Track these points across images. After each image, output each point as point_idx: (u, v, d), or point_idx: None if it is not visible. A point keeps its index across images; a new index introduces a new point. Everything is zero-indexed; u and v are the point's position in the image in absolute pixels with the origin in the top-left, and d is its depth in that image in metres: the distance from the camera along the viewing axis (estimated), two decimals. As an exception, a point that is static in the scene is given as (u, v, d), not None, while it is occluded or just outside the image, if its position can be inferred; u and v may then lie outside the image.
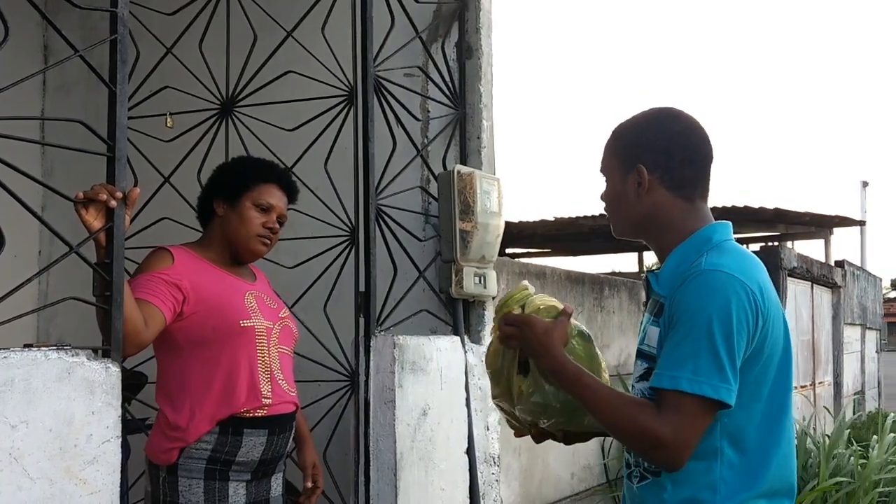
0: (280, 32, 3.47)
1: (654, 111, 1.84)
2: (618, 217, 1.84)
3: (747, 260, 1.71)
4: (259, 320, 2.36)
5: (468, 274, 3.45)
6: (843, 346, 11.36)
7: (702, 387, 1.56)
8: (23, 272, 2.07)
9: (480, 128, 3.69)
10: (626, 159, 1.79)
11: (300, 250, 3.50)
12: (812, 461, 5.51)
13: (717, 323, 1.57)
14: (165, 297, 2.25)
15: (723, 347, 1.57)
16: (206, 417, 2.27)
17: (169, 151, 3.54)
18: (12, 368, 1.77)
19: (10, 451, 1.75)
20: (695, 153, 1.78)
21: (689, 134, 1.79)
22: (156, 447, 2.32)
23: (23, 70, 2.16)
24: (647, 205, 1.77)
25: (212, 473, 2.28)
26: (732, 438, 1.64)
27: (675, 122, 1.79)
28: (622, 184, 1.79)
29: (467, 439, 3.40)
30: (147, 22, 3.48)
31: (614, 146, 1.83)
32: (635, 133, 1.81)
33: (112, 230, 2.09)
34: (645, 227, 1.81)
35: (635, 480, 1.75)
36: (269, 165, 2.58)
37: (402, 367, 3.06)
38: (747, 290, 1.61)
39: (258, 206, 2.43)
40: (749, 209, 9.28)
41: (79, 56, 2.10)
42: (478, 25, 3.71)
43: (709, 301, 1.59)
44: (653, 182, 1.76)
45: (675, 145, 1.77)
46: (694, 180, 1.77)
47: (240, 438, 2.29)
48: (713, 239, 1.73)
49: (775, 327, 1.67)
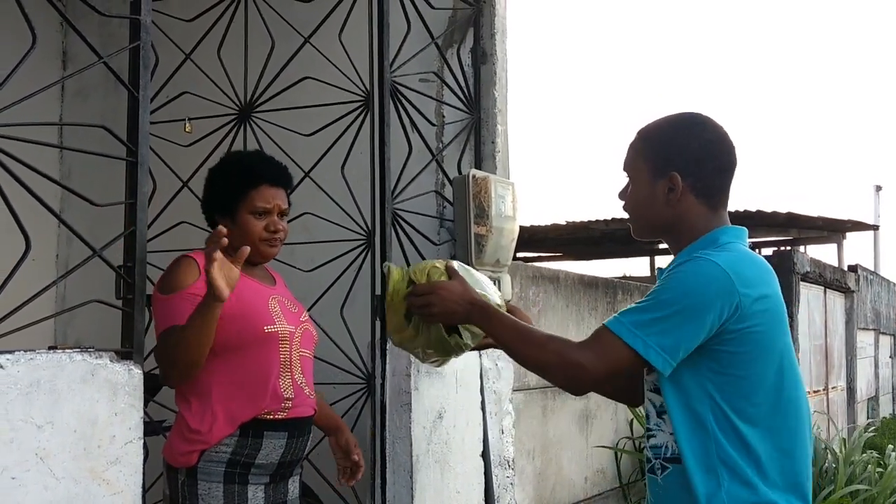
0: (298, 38, 3.51)
1: (684, 116, 1.86)
2: (641, 219, 1.87)
3: (744, 259, 1.75)
4: (282, 325, 2.36)
5: (483, 278, 3.47)
6: (856, 350, 11.31)
7: (635, 340, 1.66)
8: (41, 275, 2.11)
9: (495, 132, 3.71)
10: (656, 164, 1.81)
11: (317, 254, 3.53)
12: (828, 467, 5.50)
13: (681, 295, 1.66)
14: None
15: (675, 317, 1.65)
16: (229, 420, 2.26)
17: (188, 156, 3.57)
18: (38, 370, 1.80)
19: (36, 451, 1.78)
20: (725, 162, 1.82)
21: (720, 143, 1.82)
22: (175, 450, 2.30)
23: (42, 75, 2.20)
24: (675, 211, 1.80)
25: (231, 476, 2.27)
26: (743, 422, 1.69)
27: (706, 131, 1.82)
28: (650, 187, 1.82)
29: (482, 442, 3.42)
30: (166, 28, 3.52)
31: (643, 148, 1.84)
32: (667, 138, 1.82)
33: (134, 234, 2.12)
34: (667, 231, 1.85)
35: (659, 473, 1.78)
36: (254, 167, 2.44)
37: (417, 370, 3.08)
38: (728, 280, 1.66)
39: (255, 213, 2.38)
40: (762, 213, 9.27)
41: (102, 62, 2.13)
42: (492, 31, 3.73)
43: (684, 278, 1.68)
44: (685, 189, 1.79)
45: (707, 154, 1.80)
46: (721, 188, 1.82)
47: (260, 441, 2.29)
48: (720, 240, 1.78)
49: (770, 328, 1.71)
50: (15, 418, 1.75)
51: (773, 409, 1.72)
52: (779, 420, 1.72)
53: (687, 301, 1.65)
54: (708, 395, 1.69)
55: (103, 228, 2.28)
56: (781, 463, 1.71)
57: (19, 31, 2.02)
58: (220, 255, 2.04)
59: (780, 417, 1.72)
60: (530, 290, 4.31)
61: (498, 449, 3.54)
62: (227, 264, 2.08)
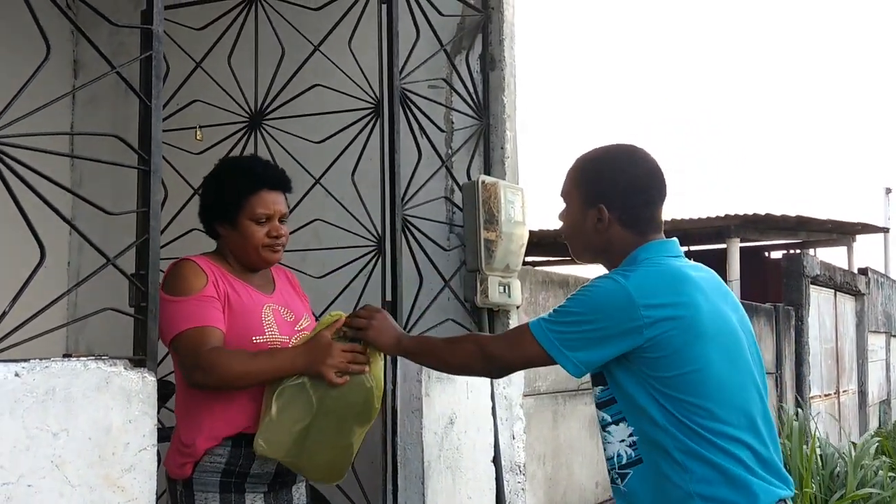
0: (308, 46, 3.53)
1: (618, 150, 2.01)
2: (576, 243, 2.06)
3: (652, 273, 1.87)
4: (273, 335, 2.32)
5: (493, 283, 3.48)
6: (867, 354, 11.27)
7: (551, 346, 1.84)
8: (52, 283, 2.12)
9: (504, 138, 3.72)
10: (587, 194, 1.97)
11: (327, 260, 3.54)
12: (839, 471, 5.48)
13: (588, 311, 1.83)
14: (222, 318, 2.26)
15: (589, 333, 1.82)
16: (211, 435, 2.24)
17: (198, 164, 3.58)
18: (53, 378, 1.82)
19: (52, 458, 1.80)
20: (653, 196, 1.97)
21: (649, 177, 1.97)
22: (171, 461, 2.30)
23: (53, 84, 2.22)
24: (604, 238, 1.97)
25: (227, 486, 2.25)
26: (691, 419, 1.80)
27: (635, 166, 1.97)
28: (582, 216, 1.99)
29: (493, 448, 3.42)
30: (176, 36, 3.54)
31: (577, 178, 2.01)
32: (598, 172, 1.99)
33: (148, 242, 2.14)
34: (601, 256, 2.02)
35: (620, 482, 1.88)
36: (252, 173, 2.40)
37: (428, 375, 3.08)
38: (626, 295, 1.80)
39: (256, 220, 2.34)
40: (771, 216, 9.26)
41: (116, 72, 2.15)
42: (501, 37, 3.74)
43: (590, 296, 1.85)
44: (611, 220, 1.94)
45: (634, 189, 1.95)
46: (648, 218, 1.97)
47: (252, 451, 2.26)
48: (639, 258, 1.92)
49: (688, 330, 1.80)
50: (31, 426, 1.76)
51: (717, 392, 1.81)
52: (723, 401, 1.82)
53: (593, 316, 1.82)
54: (650, 395, 1.81)
55: (114, 236, 2.29)
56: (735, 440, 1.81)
57: (31, 40, 2.04)
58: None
59: (723, 398, 1.82)
60: (540, 294, 4.31)
61: (509, 454, 3.54)
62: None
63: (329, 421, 2.23)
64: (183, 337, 2.21)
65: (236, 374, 2.19)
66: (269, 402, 2.21)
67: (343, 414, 2.25)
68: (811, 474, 5.04)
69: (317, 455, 2.26)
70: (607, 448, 1.90)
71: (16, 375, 1.75)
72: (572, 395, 4.64)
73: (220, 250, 2.44)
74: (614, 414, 1.87)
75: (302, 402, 2.21)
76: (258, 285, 2.42)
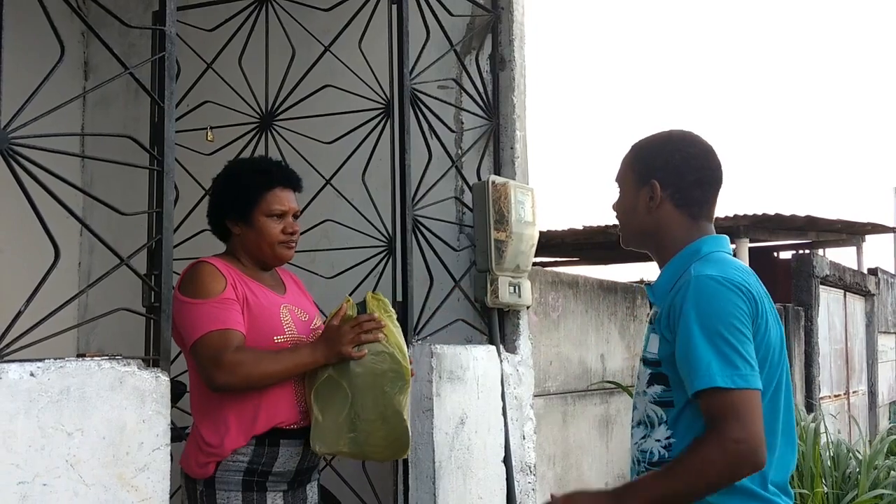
0: (318, 47, 3.53)
1: (673, 132, 1.97)
2: (628, 227, 1.99)
3: (733, 266, 1.83)
4: (293, 334, 2.35)
5: (503, 283, 3.48)
6: (877, 354, 11.23)
7: (734, 379, 1.65)
8: (63, 283, 2.13)
9: (514, 138, 3.72)
10: (641, 174, 1.93)
11: (337, 261, 3.55)
12: (851, 472, 5.46)
13: (719, 324, 1.69)
14: (242, 321, 2.27)
15: (732, 342, 1.68)
16: (242, 432, 2.26)
17: (209, 165, 3.59)
18: (68, 378, 1.83)
19: (66, 457, 1.80)
20: (706, 176, 1.92)
21: (704, 158, 1.92)
22: (192, 461, 2.31)
23: (64, 85, 2.23)
24: (655, 218, 1.91)
25: (249, 485, 2.27)
26: None
27: (691, 146, 1.93)
28: (634, 196, 1.94)
29: (504, 448, 3.42)
30: (186, 37, 3.55)
31: (632, 160, 1.97)
32: (653, 150, 1.94)
33: (161, 242, 2.14)
34: (650, 239, 1.95)
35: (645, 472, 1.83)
36: (265, 170, 2.47)
37: (439, 375, 3.09)
38: (739, 289, 1.73)
39: (272, 216, 2.38)
40: (780, 216, 9.22)
41: (129, 73, 2.16)
42: (511, 37, 3.74)
43: (706, 305, 1.71)
44: (664, 198, 1.90)
45: (688, 167, 1.90)
46: (701, 201, 1.91)
47: (276, 449, 2.28)
48: (702, 250, 1.87)
49: (770, 330, 1.78)
50: (46, 426, 1.77)
51: (770, 408, 1.76)
52: (771, 419, 1.77)
53: (728, 322, 1.69)
54: None
55: (125, 237, 2.30)
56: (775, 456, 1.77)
57: (43, 42, 2.05)
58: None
59: (772, 415, 1.78)
60: (550, 295, 4.31)
61: (519, 454, 3.54)
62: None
63: (367, 398, 2.29)
64: (206, 339, 2.21)
65: (263, 373, 2.23)
66: (311, 406, 2.29)
67: (377, 385, 2.30)
68: (823, 474, 5.03)
69: (373, 435, 2.31)
70: (647, 441, 1.84)
71: (31, 375, 1.76)
72: (582, 396, 4.63)
73: (232, 251, 2.45)
74: (660, 416, 1.82)
75: (336, 393, 2.29)
76: (270, 286, 2.45)
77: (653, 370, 1.84)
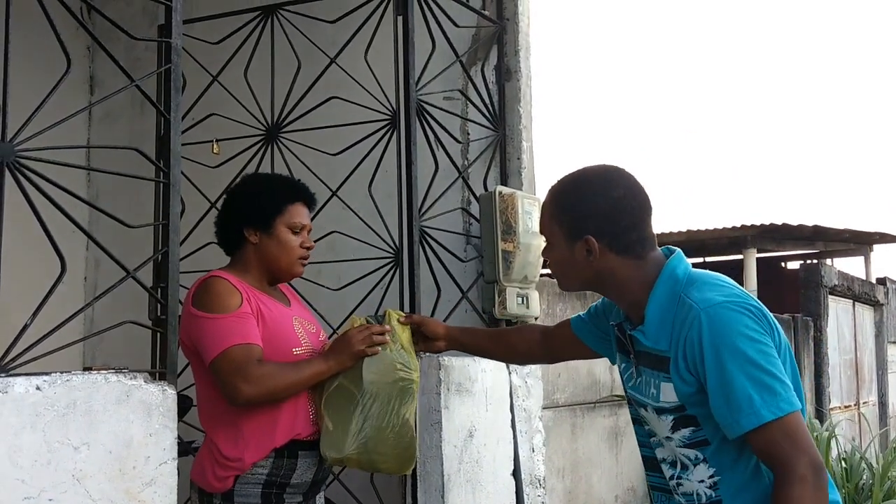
0: (324, 59, 3.54)
1: (591, 174, 1.85)
2: (568, 278, 1.89)
3: (727, 284, 1.76)
4: (308, 346, 2.36)
5: (511, 294, 3.46)
6: (887, 364, 11.16)
7: (780, 407, 1.61)
8: (69, 297, 2.12)
9: (521, 148, 3.71)
10: (570, 227, 1.80)
11: (343, 273, 3.54)
12: (864, 483, 5.42)
13: (747, 350, 1.63)
14: (259, 335, 2.26)
15: (764, 365, 1.63)
16: (261, 446, 2.25)
17: (216, 177, 3.60)
18: (74, 391, 1.81)
19: (73, 472, 1.79)
20: (638, 217, 1.81)
21: (630, 197, 1.81)
22: (209, 474, 2.27)
23: (70, 99, 2.23)
24: (597, 269, 1.80)
25: (268, 497, 2.26)
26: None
27: (614, 187, 1.80)
28: (569, 251, 1.82)
29: (513, 461, 3.39)
30: (192, 51, 3.55)
31: (554, 211, 1.84)
32: (576, 200, 1.81)
33: (167, 255, 2.13)
34: (598, 286, 1.86)
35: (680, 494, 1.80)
36: (291, 184, 2.51)
37: (447, 388, 3.06)
38: (749, 309, 1.68)
39: (292, 229, 2.40)
40: (788, 226, 9.20)
41: (135, 86, 2.15)
42: (516, 48, 3.74)
43: (728, 337, 1.64)
44: (602, 249, 1.79)
45: (618, 212, 1.79)
46: (639, 240, 1.80)
47: (295, 461, 2.29)
48: (678, 275, 1.77)
49: (783, 340, 1.74)
50: (52, 440, 1.76)
51: None
52: None
53: (754, 347, 1.65)
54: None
55: (131, 250, 2.29)
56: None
57: (49, 56, 2.05)
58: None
59: None
60: (558, 306, 4.29)
61: (528, 467, 3.51)
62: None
63: (375, 406, 2.32)
64: (230, 354, 2.18)
65: (287, 384, 2.24)
66: (321, 414, 2.32)
67: (385, 394, 2.32)
68: (837, 485, 4.98)
69: (381, 443, 2.32)
70: (684, 485, 1.79)
71: (37, 389, 1.74)
72: (591, 409, 4.60)
73: (241, 264, 2.42)
74: (696, 456, 1.76)
75: (346, 400, 2.31)
76: (279, 298, 2.44)
77: (675, 416, 1.76)
